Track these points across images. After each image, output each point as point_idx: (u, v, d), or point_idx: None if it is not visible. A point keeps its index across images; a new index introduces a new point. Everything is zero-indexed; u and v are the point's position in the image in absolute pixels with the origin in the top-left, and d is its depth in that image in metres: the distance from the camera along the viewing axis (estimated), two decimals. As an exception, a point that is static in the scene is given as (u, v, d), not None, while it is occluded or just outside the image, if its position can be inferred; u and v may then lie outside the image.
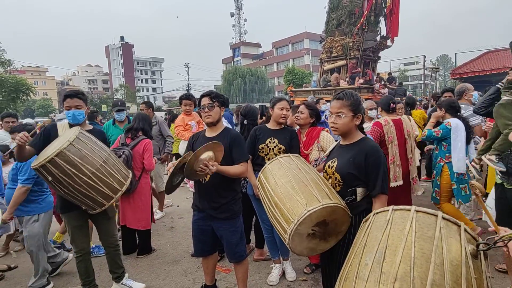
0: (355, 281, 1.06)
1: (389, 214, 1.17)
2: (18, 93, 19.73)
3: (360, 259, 1.12)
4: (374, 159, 1.91)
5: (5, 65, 19.70)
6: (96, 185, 2.51)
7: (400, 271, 0.97)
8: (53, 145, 2.53)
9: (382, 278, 0.98)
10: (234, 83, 48.32)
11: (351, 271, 1.13)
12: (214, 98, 2.56)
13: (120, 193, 2.70)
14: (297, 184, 1.89)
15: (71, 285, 3.22)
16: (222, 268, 3.42)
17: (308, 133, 3.18)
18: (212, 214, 2.59)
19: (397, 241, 1.05)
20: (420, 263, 0.97)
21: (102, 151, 2.63)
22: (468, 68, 19.75)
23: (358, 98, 2.03)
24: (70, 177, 2.40)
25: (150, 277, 3.36)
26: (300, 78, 33.33)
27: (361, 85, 13.04)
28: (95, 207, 2.62)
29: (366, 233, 1.21)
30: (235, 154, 2.55)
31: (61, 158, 2.36)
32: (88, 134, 2.68)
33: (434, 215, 1.09)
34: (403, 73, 43.28)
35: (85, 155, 2.47)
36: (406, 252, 1.00)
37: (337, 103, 1.99)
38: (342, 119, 1.96)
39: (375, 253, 1.06)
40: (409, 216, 1.11)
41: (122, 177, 2.70)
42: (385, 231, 1.11)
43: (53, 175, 2.38)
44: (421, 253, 0.99)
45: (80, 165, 2.42)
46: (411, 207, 1.15)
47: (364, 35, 14.33)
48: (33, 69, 63.04)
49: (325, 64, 15.71)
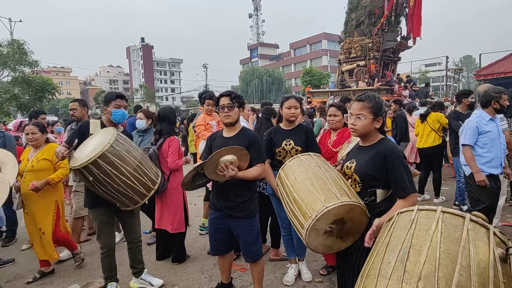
0: (377, 279, 1.06)
1: (414, 213, 1.16)
2: (44, 92, 20.40)
3: (383, 257, 1.11)
4: (393, 160, 1.88)
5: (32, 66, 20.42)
6: (133, 184, 2.61)
7: (424, 270, 0.96)
8: (90, 144, 2.61)
9: (406, 277, 0.97)
10: (251, 84, 48.37)
11: (373, 269, 1.13)
12: (234, 99, 2.59)
13: (153, 191, 2.79)
14: (317, 181, 1.91)
15: (93, 278, 3.34)
16: (238, 266, 3.46)
17: (340, 133, 3.15)
18: (229, 213, 2.62)
19: (421, 241, 1.04)
20: (446, 264, 0.95)
21: (137, 152, 2.74)
22: (494, 69, 19.05)
23: (380, 101, 2.01)
24: (110, 177, 2.49)
25: (168, 273, 3.43)
26: (318, 79, 33.01)
27: (380, 87, 12.83)
28: (130, 205, 2.72)
29: (389, 232, 1.20)
30: (253, 155, 2.56)
31: (102, 159, 2.45)
32: (123, 135, 2.79)
33: (461, 216, 1.07)
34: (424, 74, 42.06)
35: (124, 156, 2.56)
36: (431, 252, 0.99)
37: (358, 104, 1.98)
38: (361, 121, 1.95)
39: (398, 252, 1.05)
40: (435, 217, 1.09)
41: (154, 176, 2.80)
42: (409, 231, 1.10)
43: (94, 176, 2.47)
44: (447, 254, 0.97)
45: (120, 166, 2.52)
46: (438, 208, 1.13)
47: (384, 35, 14.09)
48: (58, 70, 65.32)
49: (344, 65, 15.54)
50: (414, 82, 15.83)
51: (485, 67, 20.59)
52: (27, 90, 19.76)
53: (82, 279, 3.37)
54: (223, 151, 2.32)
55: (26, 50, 19.46)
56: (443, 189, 5.92)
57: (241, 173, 2.44)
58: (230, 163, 2.32)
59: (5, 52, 18.97)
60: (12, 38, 21.11)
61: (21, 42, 19.33)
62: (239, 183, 2.55)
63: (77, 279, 3.37)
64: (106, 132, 2.67)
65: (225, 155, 2.32)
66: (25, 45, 19.46)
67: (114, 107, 2.91)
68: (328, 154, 3.10)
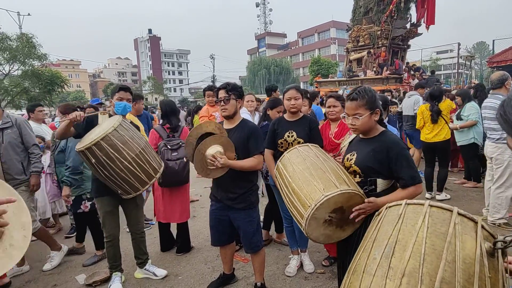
0: (362, 275, 1.06)
1: (401, 208, 1.14)
2: (53, 85, 20.66)
3: (369, 253, 1.11)
4: (397, 152, 1.86)
5: (41, 59, 20.64)
6: (135, 170, 2.64)
7: (408, 266, 0.95)
8: (96, 131, 2.68)
9: (390, 273, 0.97)
10: (259, 74, 48.18)
11: (359, 265, 1.12)
12: (230, 91, 2.57)
13: (154, 180, 2.82)
14: (315, 171, 1.90)
15: (99, 268, 3.41)
16: (241, 257, 3.49)
17: (341, 124, 3.10)
18: (229, 204, 2.64)
19: (407, 236, 1.03)
20: (431, 259, 0.95)
21: (141, 140, 2.77)
22: (508, 55, 18.46)
23: (373, 94, 1.97)
24: (112, 160, 2.54)
25: (171, 263, 3.49)
26: (326, 69, 32.66)
27: (389, 75, 12.60)
28: (130, 192, 2.75)
29: (377, 227, 1.20)
30: (250, 146, 2.56)
31: (105, 141, 2.50)
32: (129, 123, 2.84)
33: (449, 210, 1.05)
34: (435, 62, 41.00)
35: (127, 141, 2.61)
36: (416, 248, 0.98)
37: (352, 104, 1.95)
38: (360, 120, 1.92)
39: (384, 248, 1.05)
40: (422, 211, 1.08)
41: (157, 165, 2.83)
42: (396, 226, 1.09)
43: (96, 158, 2.52)
44: (432, 249, 0.96)
45: (122, 150, 2.56)
46: (426, 202, 1.12)
47: (393, 22, 13.78)
48: (68, 63, 65.97)
49: (351, 53, 15.29)
50: (423, 70, 15.50)
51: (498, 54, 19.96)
52: (36, 84, 20.03)
53: (88, 269, 3.45)
54: (202, 146, 2.36)
55: (35, 43, 19.68)
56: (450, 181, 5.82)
57: (233, 162, 2.45)
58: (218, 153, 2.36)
59: (15, 46, 19.21)
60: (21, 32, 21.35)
61: (30, 35, 19.52)
62: (238, 175, 2.56)
63: (83, 269, 3.45)
64: (112, 119, 2.75)
65: (207, 149, 2.36)
66: (33, 39, 19.65)
67: (117, 99, 2.95)
68: (330, 145, 3.07)
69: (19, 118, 3.41)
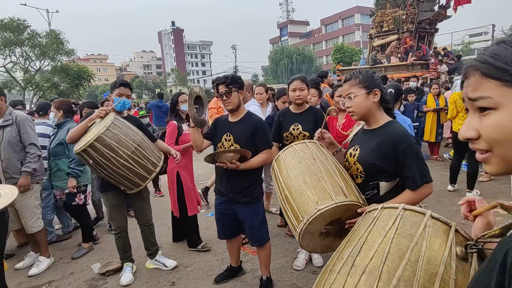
0: (329, 274, 1.06)
1: (377, 212, 1.11)
2: (80, 80, 21.54)
3: (340, 253, 1.11)
4: (405, 149, 1.68)
5: (69, 55, 21.50)
6: (132, 166, 2.68)
7: (370, 265, 0.96)
8: (91, 131, 2.74)
9: (352, 271, 0.98)
10: (281, 64, 47.65)
11: (329, 265, 1.13)
12: (230, 85, 2.51)
13: (154, 174, 2.85)
14: (310, 178, 1.75)
15: (113, 258, 3.52)
16: (250, 250, 3.48)
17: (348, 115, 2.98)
18: (234, 198, 2.62)
19: (376, 237, 1.03)
20: (393, 258, 0.94)
21: (136, 136, 2.79)
22: (548, 36, 17.12)
23: (369, 74, 1.84)
24: (108, 160, 2.59)
25: (182, 255, 3.54)
26: (350, 56, 31.71)
27: (414, 61, 12.04)
28: (132, 187, 2.81)
29: (353, 230, 1.18)
30: (258, 142, 2.52)
31: (99, 142, 2.55)
32: (123, 119, 2.84)
33: (422, 213, 1.03)
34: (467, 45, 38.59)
35: (121, 139, 2.64)
36: (381, 248, 0.98)
37: (346, 85, 1.84)
38: (353, 100, 1.79)
39: (352, 248, 1.06)
40: (394, 214, 1.05)
41: (156, 159, 2.85)
42: (368, 228, 1.08)
43: (93, 159, 2.58)
44: (397, 249, 0.96)
45: (117, 149, 2.60)
46: (400, 205, 1.08)
47: (419, 5, 13.09)
48: (95, 57, 68.38)
49: (375, 40, 14.72)
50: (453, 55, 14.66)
51: (538, 35, 18.55)
52: (65, 78, 20.92)
53: (104, 258, 3.57)
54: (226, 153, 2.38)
55: (62, 39, 20.48)
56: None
57: (244, 165, 2.45)
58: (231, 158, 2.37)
59: (44, 43, 20.09)
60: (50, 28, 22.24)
61: (57, 32, 20.30)
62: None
63: (99, 259, 3.58)
64: (106, 117, 2.76)
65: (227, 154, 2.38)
66: (61, 35, 20.43)
67: (117, 95, 2.92)
68: (338, 138, 2.95)
69: (20, 115, 3.27)
